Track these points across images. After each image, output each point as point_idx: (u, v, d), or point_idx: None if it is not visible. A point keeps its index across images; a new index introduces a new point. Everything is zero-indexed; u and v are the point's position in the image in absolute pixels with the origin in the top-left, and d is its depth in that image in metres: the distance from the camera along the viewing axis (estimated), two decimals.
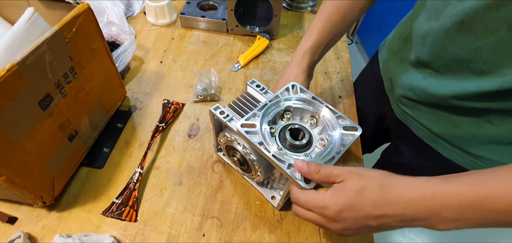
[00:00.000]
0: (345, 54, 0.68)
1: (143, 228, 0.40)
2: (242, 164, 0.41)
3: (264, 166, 0.38)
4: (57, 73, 0.35)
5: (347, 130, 0.36)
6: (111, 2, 0.60)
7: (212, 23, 0.70)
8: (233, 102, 0.41)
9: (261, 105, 0.37)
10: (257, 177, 0.40)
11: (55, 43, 0.34)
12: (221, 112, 0.38)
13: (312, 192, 0.30)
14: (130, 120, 0.52)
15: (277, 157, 0.32)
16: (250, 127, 0.35)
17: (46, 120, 0.35)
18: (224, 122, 0.37)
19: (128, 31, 0.59)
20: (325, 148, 0.35)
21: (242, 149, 0.38)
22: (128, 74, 0.59)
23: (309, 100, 0.39)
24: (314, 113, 0.38)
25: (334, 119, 0.37)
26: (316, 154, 0.35)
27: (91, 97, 0.43)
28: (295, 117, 0.40)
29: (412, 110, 0.44)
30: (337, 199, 0.28)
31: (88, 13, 0.38)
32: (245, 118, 0.36)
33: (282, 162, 0.32)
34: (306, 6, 0.79)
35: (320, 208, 0.29)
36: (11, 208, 0.41)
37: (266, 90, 0.42)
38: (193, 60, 0.64)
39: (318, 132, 0.38)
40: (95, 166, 0.45)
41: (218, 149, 0.47)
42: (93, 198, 0.42)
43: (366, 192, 0.27)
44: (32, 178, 0.35)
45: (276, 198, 0.43)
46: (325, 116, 0.37)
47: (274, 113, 0.38)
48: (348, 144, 0.35)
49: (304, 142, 0.35)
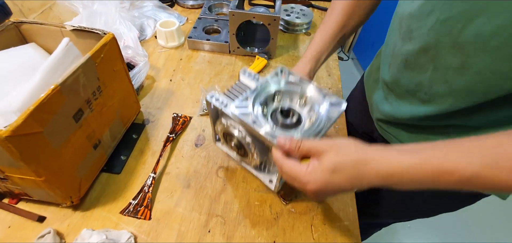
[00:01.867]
0: (336, 72, 0.75)
1: (156, 225, 0.45)
2: (239, 149, 0.43)
3: (259, 147, 0.40)
4: (87, 91, 0.42)
5: (333, 105, 0.39)
6: (127, 29, 0.68)
7: (216, 45, 0.78)
8: (227, 90, 0.43)
9: (252, 90, 0.40)
10: (253, 161, 0.42)
11: (87, 67, 0.41)
12: (217, 99, 0.40)
13: (296, 164, 0.32)
14: (144, 132, 0.58)
15: (268, 133, 0.35)
16: (243, 108, 0.37)
17: (77, 131, 0.42)
18: (220, 109, 0.39)
19: (142, 54, 0.66)
20: (313, 124, 0.38)
21: (238, 133, 0.39)
22: (142, 91, 0.66)
23: (297, 83, 0.42)
24: (302, 94, 0.41)
25: (321, 96, 0.40)
26: (305, 130, 0.38)
27: (112, 112, 0.50)
28: (285, 99, 0.43)
29: (390, 128, 0.50)
30: (316, 177, 0.30)
31: (113, 42, 0.46)
32: (238, 100, 0.39)
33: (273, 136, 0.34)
34: (300, 29, 0.87)
35: (301, 183, 0.32)
36: (40, 209, 0.46)
37: (257, 77, 0.44)
38: (199, 78, 0.71)
39: (307, 110, 0.41)
40: (113, 171, 0.51)
41: (216, 139, 0.49)
42: (112, 200, 0.48)
43: (341, 169, 0.30)
44: (65, 180, 0.41)
45: (273, 181, 0.45)
46: (311, 95, 0.40)
47: (265, 96, 0.41)
48: (334, 118, 0.38)
49: (294, 121, 0.39)
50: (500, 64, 0.30)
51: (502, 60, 0.30)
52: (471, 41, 0.31)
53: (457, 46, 0.33)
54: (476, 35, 0.30)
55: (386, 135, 0.52)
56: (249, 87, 0.44)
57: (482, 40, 0.30)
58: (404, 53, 0.40)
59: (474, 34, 0.30)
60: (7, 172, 0.38)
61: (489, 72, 0.31)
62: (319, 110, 0.39)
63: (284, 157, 0.34)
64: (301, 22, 0.86)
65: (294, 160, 0.33)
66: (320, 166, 0.31)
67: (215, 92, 0.41)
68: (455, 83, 0.35)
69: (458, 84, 0.34)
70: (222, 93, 0.42)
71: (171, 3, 0.96)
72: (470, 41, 0.31)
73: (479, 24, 0.30)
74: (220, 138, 0.47)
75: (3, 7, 0.58)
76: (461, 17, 0.31)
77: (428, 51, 0.36)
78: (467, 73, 0.33)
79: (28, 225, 0.44)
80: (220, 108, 0.40)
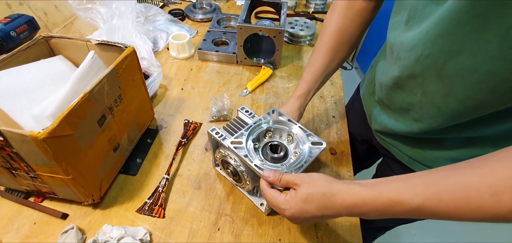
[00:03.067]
0: (338, 81, 0.78)
1: (169, 223, 0.49)
2: (234, 175, 0.49)
3: (251, 176, 0.46)
4: (110, 99, 0.47)
5: (314, 144, 0.45)
6: (142, 41, 0.74)
7: (224, 56, 0.82)
8: (226, 125, 0.51)
9: (247, 127, 0.47)
10: (246, 186, 0.48)
11: (111, 77, 0.46)
12: (217, 133, 0.47)
13: (276, 193, 0.38)
14: (157, 137, 0.62)
15: (257, 166, 0.41)
16: (238, 144, 0.44)
17: (101, 134, 0.46)
18: (219, 141, 0.46)
19: (156, 64, 0.71)
20: (297, 158, 0.44)
21: (234, 162, 0.45)
22: (156, 99, 0.71)
23: (285, 122, 0.48)
24: (289, 132, 0.48)
25: (305, 136, 0.46)
26: (290, 164, 0.44)
27: (130, 118, 0.54)
28: (275, 135, 0.49)
29: (388, 138, 0.53)
30: (291, 205, 0.35)
31: (133, 55, 0.50)
32: (234, 137, 0.45)
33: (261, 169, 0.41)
34: (304, 40, 0.91)
35: (280, 209, 0.37)
36: (63, 207, 0.50)
37: (253, 115, 0.52)
38: (208, 87, 0.75)
39: (294, 146, 0.47)
40: (130, 173, 0.55)
41: (215, 164, 0.55)
42: (129, 199, 0.52)
43: (312, 200, 0.34)
44: (89, 179, 0.45)
45: (264, 205, 0.50)
46: (297, 133, 0.47)
47: (258, 132, 0.47)
48: (315, 154, 0.44)
49: (281, 155, 0.45)
50: (482, 95, 0.33)
51: (484, 92, 0.32)
52: (453, 73, 0.34)
53: (441, 77, 0.35)
54: (458, 70, 0.33)
55: (384, 144, 0.55)
56: (246, 123, 0.51)
57: (463, 74, 0.33)
58: (395, 75, 0.43)
59: (456, 68, 0.33)
60: (38, 170, 0.42)
61: (472, 100, 0.34)
62: (303, 147, 0.45)
63: (268, 187, 0.39)
64: (305, 34, 0.90)
65: (275, 190, 0.39)
66: (295, 196, 0.36)
67: (215, 126, 0.49)
68: (443, 107, 0.37)
69: (446, 108, 0.37)
70: (222, 128, 0.50)
71: (182, 17, 1.02)
72: (453, 74, 0.34)
73: (459, 61, 0.32)
74: (218, 164, 0.53)
75: (32, 23, 0.64)
76: (442, 54, 0.33)
77: (416, 78, 0.39)
78: (452, 100, 0.36)
79: (53, 222, 0.48)
80: (219, 140, 0.46)
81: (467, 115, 0.36)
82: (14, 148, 0.37)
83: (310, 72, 0.54)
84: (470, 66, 0.32)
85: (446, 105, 0.37)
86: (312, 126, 0.66)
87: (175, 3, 1.11)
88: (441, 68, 0.35)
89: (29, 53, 0.52)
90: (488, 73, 0.31)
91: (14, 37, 0.57)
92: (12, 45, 0.56)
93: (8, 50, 0.56)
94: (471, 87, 0.33)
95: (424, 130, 0.42)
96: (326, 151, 0.61)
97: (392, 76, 0.44)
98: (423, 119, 0.42)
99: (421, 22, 0.36)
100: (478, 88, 0.33)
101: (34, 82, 0.48)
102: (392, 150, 0.53)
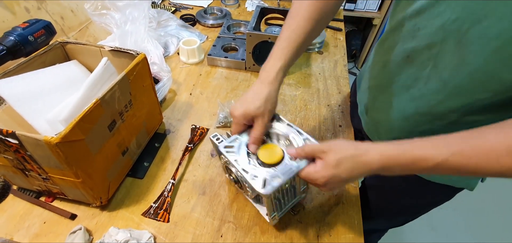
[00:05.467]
0: (346, 89, 0.78)
1: (173, 228, 0.49)
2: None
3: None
4: (121, 104, 0.48)
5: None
6: (154, 47, 0.75)
7: (233, 62, 0.83)
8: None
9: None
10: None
11: (122, 84, 0.47)
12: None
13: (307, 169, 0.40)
14: (165, 141, 0.63)
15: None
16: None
17: (110, 139, 0.47)
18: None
19: (166, 70, 0.73)
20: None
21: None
22: (165, 103, 0.72)
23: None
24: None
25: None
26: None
27: (139, 122, 0.56)
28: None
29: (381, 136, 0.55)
30: (323, 173, 0.38)
31: (144, 61, 0.52)
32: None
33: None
34: (313, 48, 0.91)
35: (313, 180, 0.40)
36: (72, 207, 0.52)
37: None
38: (216, 92, 0.76)
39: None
40: (137, 176, 0.57)
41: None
42: (135, 202, 0.53)
43: (342, 164, 0.37)
44: (97, 182, 0.47)
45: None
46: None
47: None
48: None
49: None
50: (494, 66, 0.34)
51: (495, 63, 0.34)
52: (474, 41, 0.35)
53: (460, 45, 0.36)
54: (480, 36, 0.34)
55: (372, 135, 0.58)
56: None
57: (484, 41, 0.34)
58: (408, 48, 0.43)
59: (479, 35, 0.34)
60: (50, 173, 0.44)
61: (481, 73, 0.35)
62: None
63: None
64: (314, 41, 0.90)
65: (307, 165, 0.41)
66: (325, 164, 0.38)
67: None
68: (449, 80, 0.39)
69: (452, 82, 0.39)
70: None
71: (193, 22, 1.04)
72: (473, 41, 0.35)
73: (485, 26, 0.33)
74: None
75: (49, 28, 0.66)
76: (469, 18, 0.34)
77: (432, 48, 0.40)
78: (461, 72, 0.37)
79: (62, 222, 0.50)
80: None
81: (469, 93, 0.38)
82: (28, 151, 0.39)
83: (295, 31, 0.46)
84: (495, 32, 0.33)
85: (454, 78, 0.38)
86: (318, 135, 0.66)
87: (187, 8, 1.13)
88: (464, 35, 0.35)
89: (46, 57, 0.54)
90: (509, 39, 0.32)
91: (32, 42, 0.59)
92: (30, 49, 0.59)
93: (26, 54, 0.59)
94: (487, 57, 0.34)
95: (417, 111, 0.44)
96: None
97: (404, 49, 0.44)
98: (423, 97, 0.43)
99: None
100: (493, 58, 0.34)
101: (49, 86, 0.50)
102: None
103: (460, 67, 0.37)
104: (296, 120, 0.69)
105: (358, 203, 0.53)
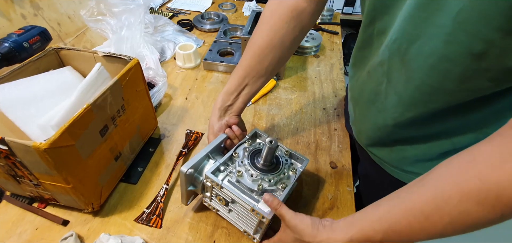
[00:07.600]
0: (342, 93, 0.78)
1: (166, 233, 0.49)
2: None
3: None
4: (113, 109, 0.48)
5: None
6: (150, 52, 0.76)
7: (229, 67, 0.83)
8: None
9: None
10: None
11: (114, 89, 0.47)
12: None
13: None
14: (159, 146, 0.63)
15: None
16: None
17: (102, 144, 0.47)
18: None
19: (162, 74, 0.73)
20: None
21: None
22: (160, 108, 0.72)
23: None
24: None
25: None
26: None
27: (133, 127, 0.55)
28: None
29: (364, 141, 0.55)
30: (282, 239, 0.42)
31: (137, 67, 0.52)
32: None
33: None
34: (309, 52, 0.91)
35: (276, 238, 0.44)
36: (64, 213, 0.51)
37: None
38: (212, 97, 0.76)
39: None
40: (131, 182, 0.56)
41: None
42: (128, 208, 0.53)
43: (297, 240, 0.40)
44: (89, 187, 0.47)
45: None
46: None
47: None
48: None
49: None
50: (434, 80, 0.36)
51: (436, 77, 0.35)
52: (414, 58, 0.36)
53: (404, 62, 0.38)
54: (417, 55, 0.36)
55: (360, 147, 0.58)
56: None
57: (421, 59, 0.35)
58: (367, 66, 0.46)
59: (416, 53, 0.36)
60: (40, 179, 0.43)
61: (427, 86, 0.37)
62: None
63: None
64: (310, 45, 0.90)
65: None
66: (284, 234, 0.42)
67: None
68: (403, 94, 0.40)
69: (405, 95, 0.40)
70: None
71: (190, 27, 1.04)
72: (413, 59, 0.36)
73: (419, 45, 0.35)
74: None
75: (45, 34, 0.67)
76: (406, 38, 0.36)
77: (383, 65, 0.42)
78: (410, 87, 0.39)
79: (54, 228, 0.49)
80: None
81: (423, 104, 0.39)
82: (18, 157, 0.39)
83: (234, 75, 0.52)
84: (428, 50, 0.34)
85: (406, 92, 0.39)
86: (314, 139, 0.65)
87: (184, 13, 1.14)
88: (405, 54, 0.37)
89: (40, 63, 0.54)
90: (441, 57, 0.33)
91: (27, 48, 0.60)
92: (25, 56, 0.59)
93: (21, 60, 0.59)
94: (426, 72, 0.36)
95: (386, 123, 0.45)
96: (327, 164, 0.60)
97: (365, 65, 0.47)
98: (386, 110, 0.44)
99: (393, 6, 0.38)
100: (431, 73, 0.35)
101: (42, 92, 0.50)
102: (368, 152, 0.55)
103: (408, 83, 0.38)
104: (291, 124, 0.69)
105: (353, 207, 0.52)
